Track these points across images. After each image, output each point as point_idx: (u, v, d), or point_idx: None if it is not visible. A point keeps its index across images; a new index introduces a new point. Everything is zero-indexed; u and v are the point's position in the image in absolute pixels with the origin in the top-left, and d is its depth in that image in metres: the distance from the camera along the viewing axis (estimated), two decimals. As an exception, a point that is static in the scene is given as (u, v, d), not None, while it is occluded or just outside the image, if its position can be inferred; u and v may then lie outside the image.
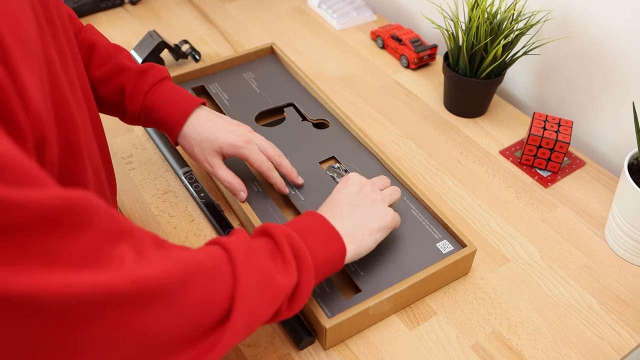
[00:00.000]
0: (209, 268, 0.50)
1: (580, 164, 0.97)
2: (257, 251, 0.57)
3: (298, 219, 0.66)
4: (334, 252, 0.64)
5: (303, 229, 0.63)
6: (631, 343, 0.73)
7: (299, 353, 0.70)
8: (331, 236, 0.64)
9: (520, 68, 1.10)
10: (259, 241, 0.59)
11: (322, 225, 0.65)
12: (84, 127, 0.54)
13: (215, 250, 0.54)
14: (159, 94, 0.78)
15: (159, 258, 0.45)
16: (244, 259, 0.54)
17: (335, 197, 0.72)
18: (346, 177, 0.75)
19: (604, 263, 0.82)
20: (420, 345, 0.72)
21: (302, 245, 0.60)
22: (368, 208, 0.71)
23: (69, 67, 0.53)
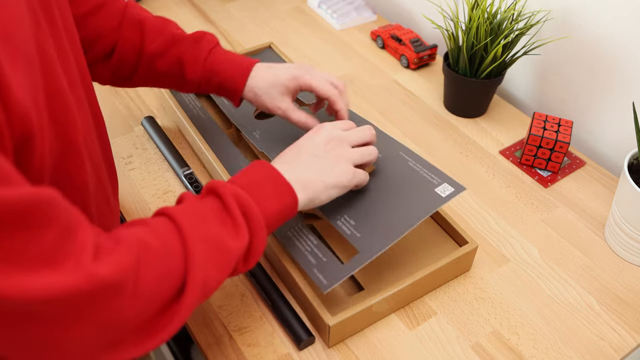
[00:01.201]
0: (159, 247, 0.50)
1: (580, 164, 0.97)
2: (205, 217, 0.56)
3: (245, 171, 0.64)
4: (285, 203, 0.63)
5: (251, 183, 0.62)
6: (631, 343, 0.73)
7: (299, 353, 0.70)
8: (281, 187, 0.63)
9: (520, 68, 1.10)
10: (207, 203, 0.58)
11: (271, 176, 0.63)
12: (84, 125, 0.54)
13: (163, 224, 0.53)
14: (216, 58, 0.80)
15: (111, 250, 0.46)
16: (193, 229, 0.53)
17: (300, 143, 0.70)
18: (319, 126, 0.72)
19: (604, 263, 0.82)
20: (420, 345, 0.72)
21: (251, 202, 0.59)
22: (328, 162, 0.68)
23: (69, 64, 0.53)
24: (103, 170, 0.61)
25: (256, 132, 0.91)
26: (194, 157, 0.95)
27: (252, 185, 0.61)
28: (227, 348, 0.71)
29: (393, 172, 0.77)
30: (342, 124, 0.73)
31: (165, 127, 0.99)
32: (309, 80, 0.78)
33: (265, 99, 0.79)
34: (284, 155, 0.69)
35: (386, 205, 0.73)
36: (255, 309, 0.74)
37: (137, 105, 1.04)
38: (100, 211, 0.60)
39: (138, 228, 0.52)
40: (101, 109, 1.03)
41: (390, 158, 0.79)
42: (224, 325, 0.73)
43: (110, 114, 1.02)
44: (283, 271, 0.75)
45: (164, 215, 0.55)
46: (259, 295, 0.76)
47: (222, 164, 0.89)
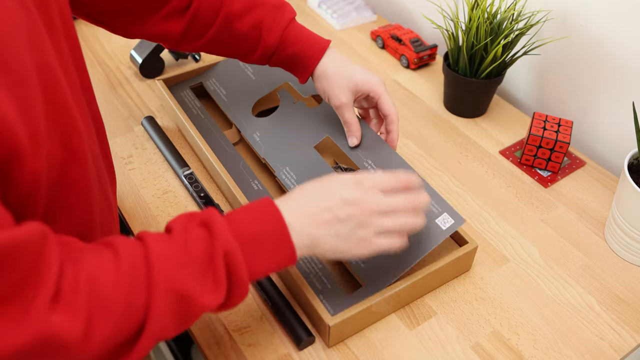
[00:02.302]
0: (120, 301, 0.47)
1: (580, 164, 0.97)
2: (186, 265, 0.51)
3: (252, 215, 0.57)
4: (281, 264, 0.57)
5: (252, 238, 0.55)
6: (631, 343, 0.73)
7: (299, 353, 0.70)
8: (283, 248, 0.57)
9: (520, 68, 1.10)
10: (194, 246, 0.53)
11: (277, 233, 0.56)
12: (86, 130, 0.54)
13: (135, 266, 0.49)
14: (295, 28, 0.80)
15: (69, 302, 0.44)
16: (166, 278, 0.49)
17: (330, 188, 0.60)
18: (356, 179, 0.61)
19: (604, 263, 0.82)
20: (420, 345, 0.72)
21: (242, 266, 0.54)
22: (349, 229, 0.59)
23: (69, 69, 0.53)
24: (104, 174, 0.61)
25: (256, 133, 0.91)
26: (194, 157, 0.95)
27: (252, 241, 0.55)
28: (227, 348, 0.71)
29: None
30: (390, 180, 0.62)
31: (165, 127, 1.00)
32: (381, 93, 0.79)
33: (333, 84, 0.79)
34: (305, 198, 0.60)
35: None
36: (255, 309, 0.74)
37: (137, 105, 1.04)
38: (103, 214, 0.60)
39: (107, 266, 0.48)
40: (101, 109, 1.03)
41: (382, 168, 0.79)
42: (224, 325, 0.73)
43: (110, 114, 1.02)
44: (283, 271, 0.75)
45: (142, 249, 0.51)
46: (259, 295, 0.76)
47: (222, 164, 0.89)
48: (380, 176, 0.62)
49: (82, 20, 1.25)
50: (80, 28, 1.23)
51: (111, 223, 0.63)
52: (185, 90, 1.02)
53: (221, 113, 1.01)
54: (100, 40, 1.20)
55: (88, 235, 0.56)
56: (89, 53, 1.16)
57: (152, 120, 0.98)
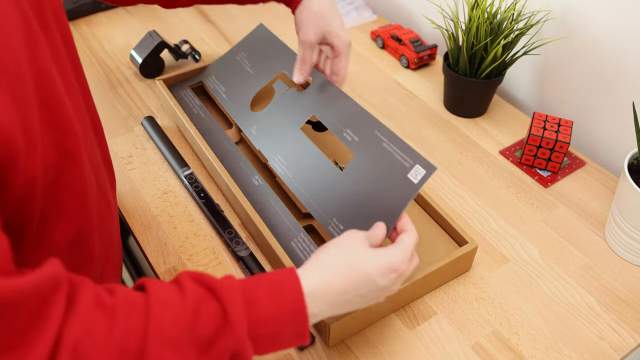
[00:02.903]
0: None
1: (580, 164, 0.97)
2: (185, 342, 0.47)
3: (274, 313, 0.51)
4: (289, 345, 0.54)
5: (268, 335, 0.51)
6: (631, 343, 0.73)
7: (299, 353, 0.70)
8: (297, 340, 0.54)
9: (520, 68, 1.10)
10: (205, 322, 0.48)
11: (296, 330, 0.53)
12: (83, 131, 0.54)
13: (132, 330, 0.45)
14: None
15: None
16: (159, 355, 0.45)
17: (357, 276, 0.57)
18: (393, 266, 0.58)
19: (604, 263, 0.82)
20: (420, 345, 0.72)
21: (242, 357, 0.50)
22: (372, 299, 0.60)
23: (66, 71, 0.52)
24: (104, 175, 0.61)
25: (253, 127, 0.90)
26: (194, 157, 0.95)
27: (266, 338, 0.51)
28: (227, 348, 0.70)
29: (370, 160, 0.75)
30: (410, 253, 0.61)
31: (165, 127, 1.00)
32: (343, 52, 0.82)
33: (309, 20, 0.81)
34: (339, 282, 0.56)
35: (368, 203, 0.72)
36: (255, 309, 0.74)
37: (137, 105, 1.04)
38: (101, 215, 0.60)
39: (100, 330, 0.44)
40: (101, 109, 1.03)
41: (367, 141, 0.77)
42: (224, 325, 0.73)
43: (110, 114, 1.02)
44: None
45: (144, 315, 0.46)
46: (259, 295, 0.76)
47: (222, 164, 0.89)
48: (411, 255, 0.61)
49: (82, 20, 1.25)
50: (81, 28, 1.23)
51: (110, 224, 0.63)
52: (185, 90, 1.02)
53: (221, 113, 1.01)
54: (100, 40, 1.20)
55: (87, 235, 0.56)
56: (88, 53, 1.16)
57: (152, 120, 0.98)
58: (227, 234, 0.81)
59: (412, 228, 0.64)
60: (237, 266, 0.79)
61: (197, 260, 0.80)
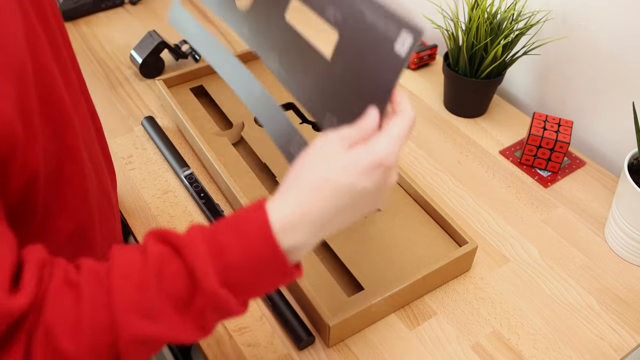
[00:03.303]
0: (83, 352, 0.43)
1: (580, 164, 0.97)
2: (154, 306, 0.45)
3: (241, 243, 0.47)
4: (277, 284, 0.50)
5: (245, 277, 0.47)
6: (631, 343, 0.73)
7: (299, 353, 0.70)
8: (282, 272, 0.48)
9: (520, 68, 1.10)
10: (172, 281, 0.45)
11: (270, 260, 0.47)
12: (82, 128, 0.54)
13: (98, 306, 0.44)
14: None
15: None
16: (130, 325, 0.44)
17: (330, 192, 0.48)
18: (375, 161, 0.49)
19: (604, 263, 0.82)
20: (420, 345, 0.72)
21: (233, 308, 0.47)
22: (365, 207, 0.52)
23: (66, 68, 0.53)
24: (104, 172, 0.61)
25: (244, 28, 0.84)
26: (194, 157, 0.95)
27: (244, 285, 0.47)
28: (227, 348, 0.71)
29: (355, 39, 0.64)
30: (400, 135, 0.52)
31: (165, 127, 0.99)
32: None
33: None
34: (311, 206, 0.48)
35: (357, 88, 0.62)
36: (255, 309, 0.74)
37: (137, 105, 1.04)
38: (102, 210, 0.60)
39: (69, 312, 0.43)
40: (101, 108, 1.03)
41: (350, 18, 0.67)
42: (224, 325, 0.73)
43: (110, 114, 1.02)
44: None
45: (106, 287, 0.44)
46: (259, 295, 0.76)
47: (222, 164, 0.89)
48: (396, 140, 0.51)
49: (82, 20, 1.25)
50: (81, 28, 1.23)
51: (112, 221, 0.64)
52: (185, 90, 1.02)
53: (221, 113, 1.02)
54: (100, 40, 1.20)
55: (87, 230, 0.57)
56: (88, 53, 1.16)
57: (152, 120, 0.98)
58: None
59: (406, 108, 0.54)
60: (237, 266, 0.79)
61: (197, 260, 0.80)
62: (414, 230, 0.81)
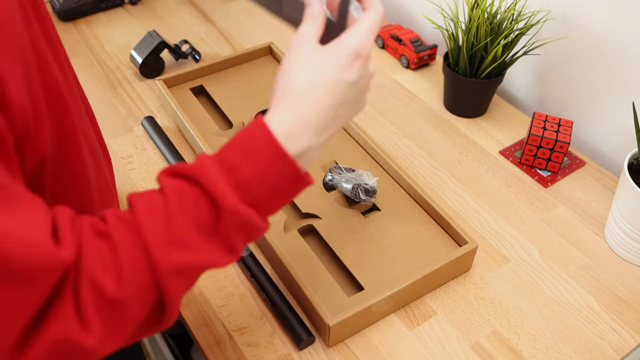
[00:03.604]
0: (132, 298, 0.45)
1: (580, 164, 0.97)
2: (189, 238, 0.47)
3: (251, 159, 0.48)
4: (293, 193, 0.52)
5: (263, 190, 0.49)
6: (631, 343, 0.73)
7: (299, 353, 0.70)
8: (295, 179, 0.50)
9: (520, 68, 1.10)
10: (195, 209, 0.47)
11: (283, 169, 0.49)
12: (78, 113, 0.55)
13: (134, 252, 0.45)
14: None
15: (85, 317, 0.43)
16: (169, 262, 0.46)
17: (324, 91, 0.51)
18: (353, 52, 0.52)
19: (604, 263, 0.82)
20: (420, 345, 0.72)
21: (255, 219, 0.49)
22: (355, 101, 0.54)
23: (59, 55, 0.54)
24: (100, 155, 0.62)
25: None
26: (194, 157, 0.95)
27: (264, 192, 0.49)
28: (227, 348, 0.71)
29: None
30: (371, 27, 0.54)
31: (165, 127, 0.99)
32: None
33: None
34: (310, 110, 0.51)
35: None
36: (255, 309, 0.74)
37: (137, 105, 1.04)
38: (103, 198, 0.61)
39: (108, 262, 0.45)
40: (101, 109, 1.03)
41: None
42: (224, 325, 0.73)
43: (110, 114, 1.02)
44: (283, 271, 0.75)
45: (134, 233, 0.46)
46: (259, 295, 0.76)
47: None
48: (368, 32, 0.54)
49: (82, 20, 1.25)
50: (81, 28, 1.23)
51: (110, 201, 0.65)
52: (185, 90, 1.02)
53: (221, 113, 1.02)
54: (100, 40, 1.20)
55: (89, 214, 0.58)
56: (88, 53, 1.16)
57: (152, 120, 0.98)
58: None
59: (374, 4, 0.56)
60: (237, 266, 0.79)
61: (197, 260, 0.80)
62: (414, 230, 0.81)
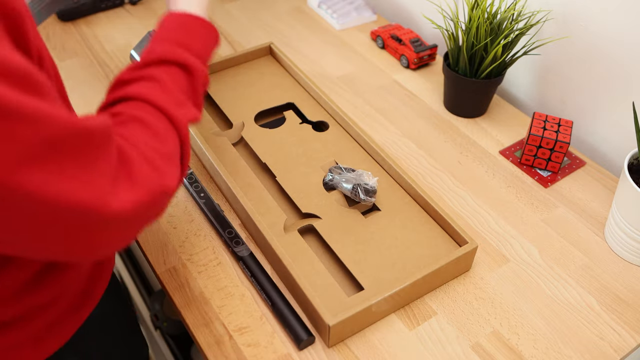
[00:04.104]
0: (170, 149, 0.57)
1: (580, 164, 0.97)
2: (185, 101, 0.63)
3: (194, 31, 0.70)
4: (211, 39, 0.73)
5: (202, 48, 0.69)
6: (631, 343, 0.73)
7: (299, 353, 0.70)
8: (212, 32, 0.73)
9: (520, 68, 1.10)
10: (181, 81, 0.64)
11: (206, 26, 0.72)
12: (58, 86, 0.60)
13: (160, 121, 0.58)
14: None
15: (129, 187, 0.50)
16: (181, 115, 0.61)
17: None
18: None
19: (604, 263, 0.82)
20: (420, 345, 0.72)
21: (208, 80, 0.69)
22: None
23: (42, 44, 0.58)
24: None
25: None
26: (194, 157, 0.95)
27: (204, 51, 0.69)
28: (227, 348, 0.71)
29: None
30: None
31: (165, 127, 0.99)
32: None
33: None
34: None
35: None
36: (255, 309, 0.74)
37: (137, 105, 1.04)
38: None
39: (146, 131, 0.56)
40: (101, 109, 1.03)
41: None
42: (224, 325, 0.73)
43: (110, 114, 1.02)
44: (283, 271, 0.75)
45: (152, 106, 0.59)
46: (259, 295, 0.76)
47: (222, 164, 0.89)
48: None
49: (82, 21, 1.25)
50: (81, 28, 1.23)
51: None
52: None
53: (221, 113, 1.02)
54: (101, 40, 1.20)
55: None
56: (88, 53, 1.16)
57: (152, 120, 0.98)
58: (227, 234, 0.81)
59: None
60: (237, 266, 0.79)
61: (197, 260, 0.80)
62: (414, 230, 0.81)
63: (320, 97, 0.99)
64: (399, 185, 0.87)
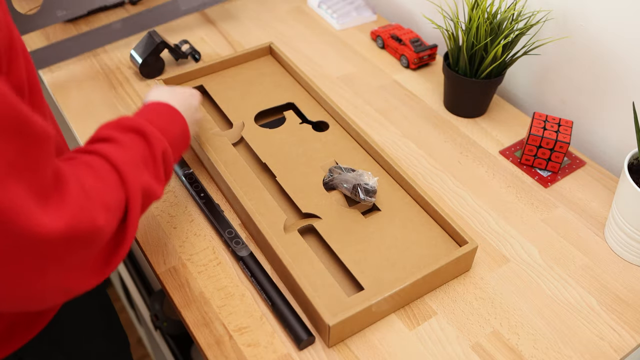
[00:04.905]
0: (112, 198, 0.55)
1: (580, 164, 0.97)
2: (139, 165, 0.62)
3: (158, 114, 0.72)
4: (187, 140, 0.75)
5: (164, 128, 0.69)
6: (631, 343, 0.73)
7: (299, 353, 0.70)
8: (184, 130, 0.74)
9: (520, 68, 1.10)
10: (138, 148, 0.63)
11: (175, 118, 0.73)
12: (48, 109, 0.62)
13: (108, 173, 0.57)
14: None
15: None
16: (134, 180, 0.59)
17: (159, 94, 0.78)
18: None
19: (604, 263, 0.82)
20: (420, 345, 0.72)
21: (171, 156, 0.68)
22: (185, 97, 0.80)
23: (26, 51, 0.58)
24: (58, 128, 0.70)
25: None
26: (194, 157, 0.95)
27: (166, 130, 0.69)
28: (227, 348, 0.71)
29: None
30: None
31: (165, 127, 0.99)
32: None
33: None
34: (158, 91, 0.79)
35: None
36: (255, 309, 0.74)
37: (137, 105, 1.04)
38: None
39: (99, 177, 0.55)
40: (101, 109, 1.03)
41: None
42: (224, 325, 0.73)
43: (111, 114, 1.02)
44: (283, 271, 0.75)
45: (104, 159, 0.58)
46: (259, 295, 0.76)
47: (222, 164, 0.89)
48: None
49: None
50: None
51: None
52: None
53: (221, 113, 1.02)
54: (100, 40, 1.20)
55: None
56: (88, 53, 1.16)
57: (152, 120, 0.98)
58: (227, 234, 0.81)
59: None
60: (237, 266, 0.79)
61: (197, 260, 0.80)
62: (414, 230, 0.81)
63: (320, 97, 0.99)
64: (399, 185, 0.87)
